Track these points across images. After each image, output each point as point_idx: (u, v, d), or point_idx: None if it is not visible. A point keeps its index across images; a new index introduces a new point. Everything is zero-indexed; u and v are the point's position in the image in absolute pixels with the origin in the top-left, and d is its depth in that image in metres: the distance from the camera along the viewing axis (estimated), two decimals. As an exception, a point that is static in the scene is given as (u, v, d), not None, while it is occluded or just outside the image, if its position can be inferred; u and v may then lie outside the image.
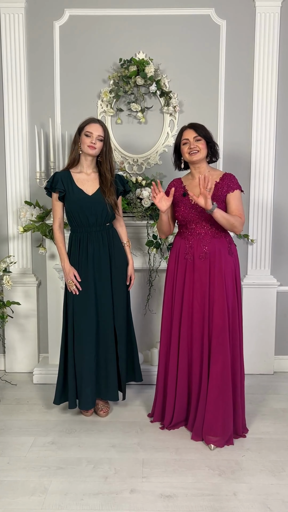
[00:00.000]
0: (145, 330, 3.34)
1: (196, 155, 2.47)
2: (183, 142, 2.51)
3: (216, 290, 2.44)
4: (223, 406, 2.44)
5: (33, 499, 2.09)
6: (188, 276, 2.51)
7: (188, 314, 2.52)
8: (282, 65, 3.23)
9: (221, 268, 2.44)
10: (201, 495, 2.11)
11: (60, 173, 2.65)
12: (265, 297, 3.36)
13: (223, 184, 2.48)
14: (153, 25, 3.19)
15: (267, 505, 2.05)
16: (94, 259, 2.64)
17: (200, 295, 2.48)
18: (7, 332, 3.39)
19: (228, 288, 2.45)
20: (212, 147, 2.52)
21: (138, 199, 3.09)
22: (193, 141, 2.46)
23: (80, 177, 2.65)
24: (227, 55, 3.21)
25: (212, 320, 2.45)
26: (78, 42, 3.22)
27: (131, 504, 2.06)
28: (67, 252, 2.69)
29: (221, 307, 2.43)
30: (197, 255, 2.47)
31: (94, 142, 2.57)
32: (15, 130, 3.27)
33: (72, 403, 2.69)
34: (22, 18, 3.17)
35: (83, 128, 2.60)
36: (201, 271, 2.47)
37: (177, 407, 2.59)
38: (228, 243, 2.52)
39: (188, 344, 2.53)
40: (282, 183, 3.34)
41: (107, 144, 2.64)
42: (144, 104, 3.23)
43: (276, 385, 3.24)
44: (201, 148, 2.47)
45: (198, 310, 2.48)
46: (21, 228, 3.13)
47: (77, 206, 2.61)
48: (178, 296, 2.55)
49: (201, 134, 2.47)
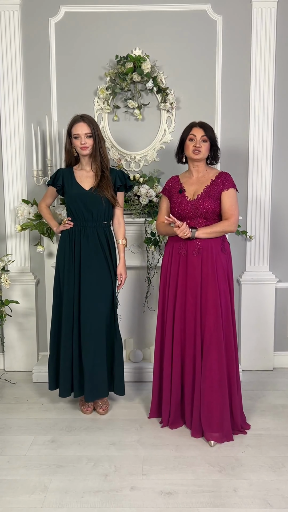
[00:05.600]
0: (144, 328, 3.34)
1: (198, 154, 2.52)
2: (189, 138, 2.54)
3: (208, 285, 2.48)
4: (219, 401, 2.45)
5: (33, 497, 2.09)
6: (181, 271, 2.55)
7: (181, 309, 2.55)
8: (279, 61, 3.22)
9: (214, 264, 2.48)
10: (201, 492, 2.11)
11: (63, 170, 2.76)
12: (263, 294, 3.36)
13: (218, 182, 2.53)
14: (150, 21, 3.18)
15: (267, 501, 2.06)
16: (81, 253, 2.67)
17: (192, 290, 2.51)
18: (6, 331, 3.39)
19: (220, 283, 2.49)
20: (214, 151, 2.58)
21: (135, 196, 3.08)
22: (199, 140, 2.51)
23: (80, 174, 2.72)
24: (223, 51, 3.19)
25: (205, 315, 2.47)
26: (74, 39, 3.20)
27: (132, 501, 2.06)
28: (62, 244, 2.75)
29: (213, 302, 2.46)
30: (191, 250, 2.51)
31: (84, 142, 2.61)
32: (11, 128, 3.26)
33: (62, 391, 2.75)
34: (18, 15, 3.16)
35: (70, 131, 2.65)
36: (194, 266, 2.50)
37: (173, 403, 2.59)
38: (221, 240, 2.56)
39: (181, 339, 2.56)
40: (280, 178, 3.33)
41: (97, 138, 2.63)
42: (141, 101, 3.22)
43: (275, 381, 3.24)
44: (205, 149, 2.52)
45: (191, 305, 2.52)
46: (18, 226, 3.13)
47: (73, 200, 2.68)
48: (172, 291, 2.58)
49: (208, 135, 2.52)
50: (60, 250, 2.76)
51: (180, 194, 2.56)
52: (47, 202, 2.88)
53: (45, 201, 2.89)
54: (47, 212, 2.89)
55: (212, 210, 2.49)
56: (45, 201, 2.89)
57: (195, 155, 2.51)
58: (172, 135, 3.26)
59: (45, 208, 2.89)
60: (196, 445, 2.48)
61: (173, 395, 2.58)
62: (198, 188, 2.54)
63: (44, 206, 2.89)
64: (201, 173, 2.59)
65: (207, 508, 2.02)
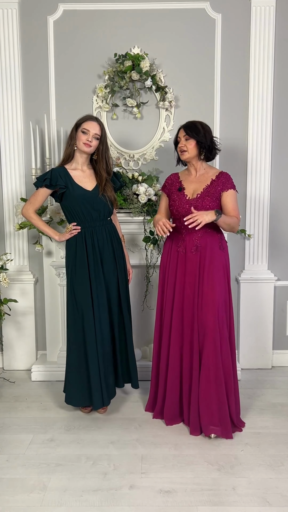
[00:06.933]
0: (143, 326, 3.34)
1: (183, 154, 2.54)
2: (177, 141, 2.59)
3: (205, 283, 2.49)
4: (216, 397, 2.47)
5: (33, 496, 2.09)
6: (179, 268, 2.56)
7: (179, 306, 2.56)
8: (277, 59, 3.21)
9: (212, 262, 2.50)
10: (200, 490, 2.12)
11: (57, 169, 2.62)
12: (262, 292, 3.36)
13: (219, 182, 2.52)
14: (148, 19, 3.17)
15: (266, 499, 2.06)
16: (100, 253, 2.66)
17: (191, 287, 2.52)
18: (5, 330, 3.38)
19: (218, 281, 2.50)
20: (204, 147, 2.53)
21: (134, 195, 3.08)
22: (183, 140, 2.54)
23: (76, 174, 2.65)
24: (222, 49, 3.19)
25: (202, 313, 2.48)
26: (73, 37, 3.20)
27: (131, 500, 2.06)
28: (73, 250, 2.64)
29: (210, 299, 2.47)
30: (189, 248, 2.52)
31: (90, 140, 2.57)
32: (10, 127, 3.25)
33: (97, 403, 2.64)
34: (16, 14, 3.15)
35: (80, 125, 2.60)
36: (192, 263, 2.51)
37: (169, 399, 2.61)
38: (219, 238, 2.57)
39: (179, 336, 2.57)
40: (278, 177, 3.33)
41: (104, 143, 2.65)
42: (139, 99, 3.21)
43: (274, 380, 3.25)
44: (189, 148, 2.52)
45: (189, 302, 2.53)
46: (17, 225, 3.12)
47: (79, 202, 2.60)
48: (170, 288, 2.59)
49: (190, 134, 2.51)
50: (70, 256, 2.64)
51: (179, 192, 2.56)
52: (36, 207, 2.65)
53: (34, 205, 2.64)
54: (39, 219, 2.68)
55: (211, 210, 2.49)
56: (34, 205, 2.64)
57: (181, 155, 2.56)
58: (171, 134, 3.25)
59: (36, 214, 2.67)
60: (195, 443, 2.48)
61: (169, 391, 2.60)
62: (198, 187, 2.55)
63: (34, 212, 2.65)
64: (200, 172, 2.59)
65: (206, 506, 2.02)
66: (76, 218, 2.64)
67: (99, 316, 2.63)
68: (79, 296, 2.63)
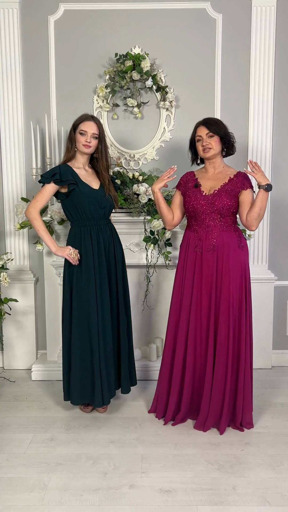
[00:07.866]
0: (143, 326, 3.34)
1: (209, 152, 2.51)
2: (197, 139, 2.56)
3: (223, 282, 2.48)
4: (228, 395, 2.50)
5: (33, 495, 2.09)
6: (197, 269, 2.54)
7: (196, 308, 2.54)
8: (278, 59, 3.21)
9: (229, 261, 2.48)
10: (200, 490, 2.12)
11: (65, 166, 2.58)
12: (262, 292, 3.36)
13: (237, 180, 2.51)
14: (149, 19, 3.17)
15: (266, 499, 2.06)
16: (105, 252, 2.66)
17: (207, 288, 2.51)
18: (5, 329, 3.39)
19: (235, 281, 2.49)
20: (227, 142, 2.55)
21: (135, 194, 3.08)
22: (206, 138, 2.50)
23: (80, 173, 2.64)
24: (223, 49, 3.19)
25: (218, 314, 2.49)
26: (73, 37, 3.20)
27: (131, 499, 2.06)
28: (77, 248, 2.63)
29: (226, 300, 2.47)
30: (205, 247, 2.51)
31: (89, 140, 2.57)
32: (10, 126, 3.25)
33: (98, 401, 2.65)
34: (17, 13, 3.15)
35: (77, 126, 2.59)
36: (209, 263, 2.50)
37: (184, 400, 2.60)
38: (238, 236, 2.55)
39: (195, 337, 2.56)
40: (279, 176, 3.33)
41: (103, 141, 2.64)
42: (140, 99, 3.21)
43: (274, 380, 3.25)
44: (214, 145, 2.51)
45: (206, 303, 2.52)
46: (17, 224, 3.12)
47: (87, 200, 2.58)
48: (188, 290, 2.57)
49: (213, 131, 2.49)
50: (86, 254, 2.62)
51: (195, 189, 2.55)
52: (42, 205, 2.55)
53: (41, 203, 2.54)
54: (42, 224, 2.56)
55: (228, 207, 2.48)
56: (41, 203, 2.53)
57: (206, 153, 2.52)
58: (172, 134, 3.26)
59: (40, 216, 2.56)
60: (195, 443, 2.48)
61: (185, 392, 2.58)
62: (215, 184, 2.53)
63: (38, 213, 2.54)
64: (217, 169, 2.57)
65: (206, 506, 2.02)
66: (82, 217, 2.61)
67: (103, 316, 2.63)
68: (84, 294, 2.60)
